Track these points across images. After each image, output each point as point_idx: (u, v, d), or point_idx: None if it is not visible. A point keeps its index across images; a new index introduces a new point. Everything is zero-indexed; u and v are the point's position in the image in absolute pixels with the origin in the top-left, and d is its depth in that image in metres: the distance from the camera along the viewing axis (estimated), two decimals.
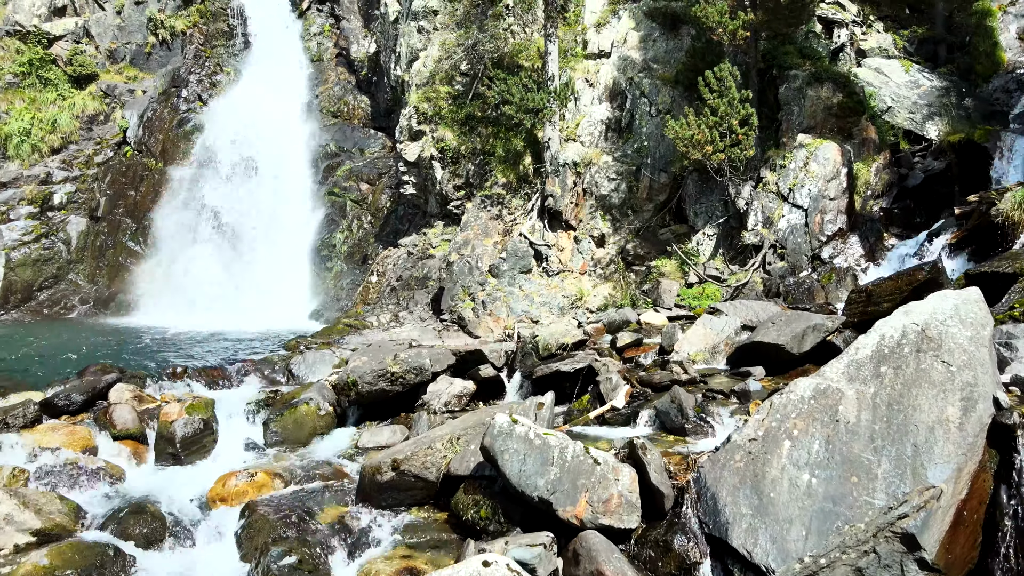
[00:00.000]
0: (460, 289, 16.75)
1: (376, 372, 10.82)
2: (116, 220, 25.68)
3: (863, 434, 6.45)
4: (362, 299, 19.89)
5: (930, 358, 6.72)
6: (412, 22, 22.54)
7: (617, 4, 19.70)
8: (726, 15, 13.21)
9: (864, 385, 6.77)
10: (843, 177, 14.10)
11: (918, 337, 6.89)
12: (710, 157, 13.18)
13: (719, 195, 15.49)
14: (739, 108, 13.16)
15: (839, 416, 6.62)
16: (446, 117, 19.53)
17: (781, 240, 14.07)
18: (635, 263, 16.65)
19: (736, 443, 6.81)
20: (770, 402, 6.99)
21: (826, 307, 12.08)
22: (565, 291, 16.70)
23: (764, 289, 13.59)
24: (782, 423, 6.77)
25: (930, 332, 6.88)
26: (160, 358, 14.31)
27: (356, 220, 22.79)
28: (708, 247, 15.53)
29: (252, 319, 20.93)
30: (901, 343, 6.92)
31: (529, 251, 17.01)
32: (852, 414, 6.60)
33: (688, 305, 14.32)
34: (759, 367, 10.05)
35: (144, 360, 14.41)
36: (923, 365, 6.69)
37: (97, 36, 28.29)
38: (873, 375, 6.81)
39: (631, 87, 17.96)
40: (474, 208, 18.07)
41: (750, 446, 6.74)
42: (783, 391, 6.97)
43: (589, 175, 17.44)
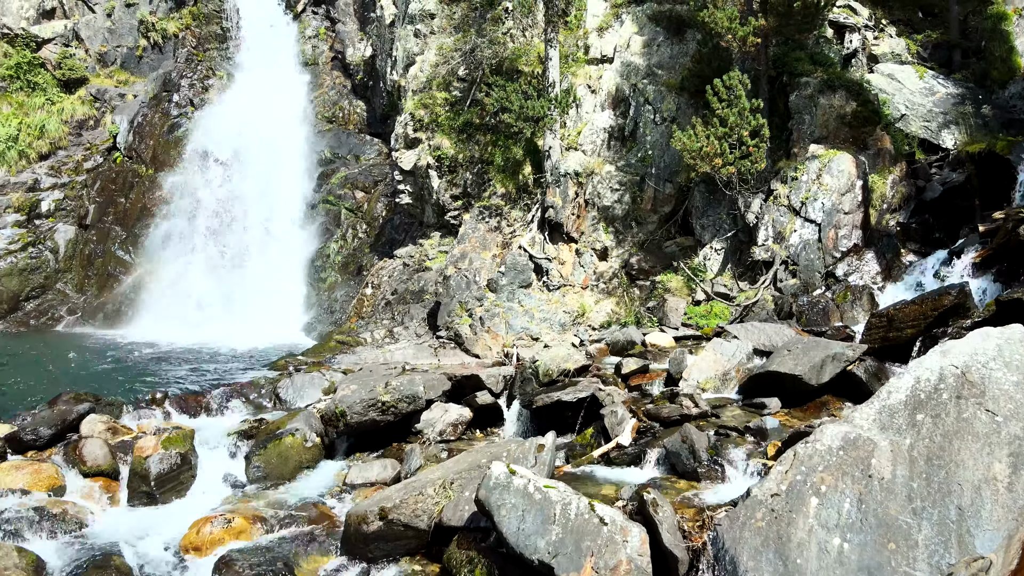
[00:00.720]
0: (457, 305, 16.10)
1: (366, 402, 10.17)
2: (105, 228, 25.05)
3: (900, 493, 5.80)
4: (356, 312, 19.25)
5: (972, 406, 6.08)
6: (409, 26, 21.90)
7: (620, 8, 19.06)
8: (735, 21, 12.57)
9: (899, 435, 6.12)
10: (858, 190, 13.46)
11: (958, 382, 6.26)
12: (719, 170, 12.54)
13: (727, 208, 14.85)
14: (749, 118, 12.52)
15: (872, 471, 5.97)
16: (443, 124, 18.88)
17: (793, 256, 13.42)
18: (639, 278, 16.00)
19: (757, 498, 6.16)
20: (793, 452, 6.34)
21: (843, 330, 11.43)
22: (566, 307, 16.06)
23: (776, 308, 12.94)
24: (808, 477, 6.12)
25: (971, 376, 6.25)
26: (141, 380, 13.68)
27: (351, 229, 22.15)
28: (716, 262, 14.88)
29: (243, 332, 20.29)
30: (939, 388, 6.28)
31: (529, 265, 16.37)
32: (887, 469, 5.96)
33: (696, 324, 13.67)
34: (774, 398, 9.39)
35: (124, 381, 13.78)
36: (965, 414, 6.05)
37: (87, 39, 27.66)
38: (909, 424, 6.17)
39: (635, 94, 17.32)
40: (472, 220, 17.42)
41: (772, 502, 6.09)
42: (808, 440, 6.32)
43: (591, 185, 16.79)
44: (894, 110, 16.47)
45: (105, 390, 12.39)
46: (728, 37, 12.76)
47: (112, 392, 12.41)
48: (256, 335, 19.91)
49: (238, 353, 17.41)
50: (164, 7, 28.39)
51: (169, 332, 20.87)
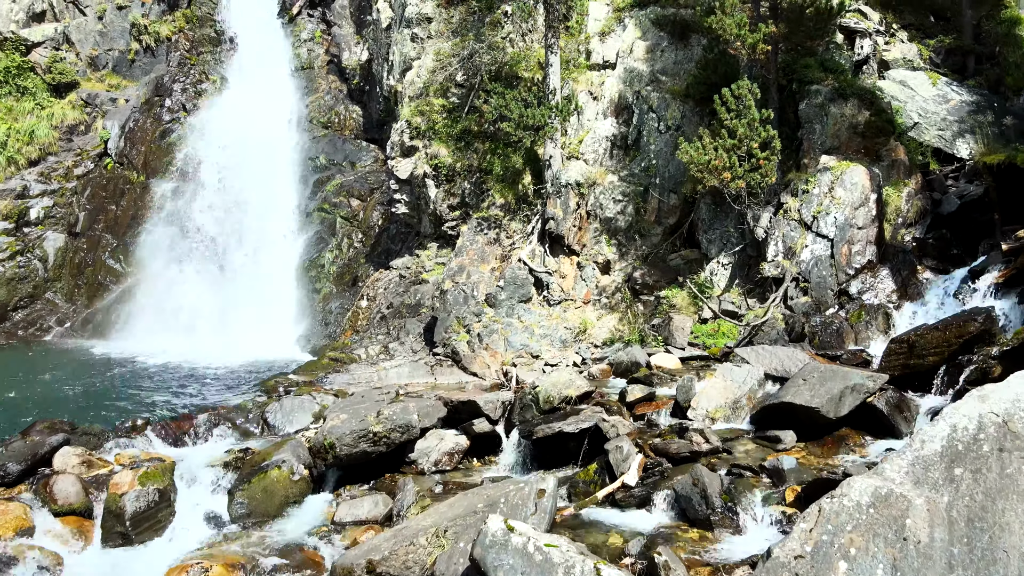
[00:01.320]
0: (454, 320, 15.54)
1: (357, 433, 9.61)
2: (96, 236, 24.47)
3: (939, 559, 5.26)
4: (351, 325, 18.70)
5: (1017, 460, 5.54)
6: (405, 29, 21.33)
7: (622, 12, 18.50)
8: (745, 28, 12.01)
9: (935, 492, 5.58)
10: (872, 204, 12.90)
11: (999, 431, 5.72)
12: (728, 184, 11.98)
13: (735, 221, 14.28)
14: (759, 130, 11.95)
15: (907, 532, 5.43)
16: (440, 132, 18.32)
17: (804, 273, 12.86)
18: (643, 292, 15.44)
19: (779, 560, 5.61)
20: (818, 507, 5.79)
21: (859, 355, 10.88)
22: (567, 322, 15.49)
23: (786, 327, 12.38)
24: (835, 537, 5.57)
25: (1014, 426, 5.71)
26: (126, 399, 13.13)
27: (346, 239, 21.59)
28: (723, 277, 14.32)
29: (236, 344, 19.74)
30: (978, 438, 5.74)
31: (529, 279, 15.81)
32: (923, 531, 5.41)
33: (703, 343, 13.12)
34: (789, 431, 8.85)
35: (107, 402, 13.23)
36: (1008, 469, 5.51)
37: (78, 42, 27.09)
38: (946, 479, 5.63)
39: (638, 101, 16.75)
40: (470, 231, 16.86)
41: (796, 566, 5.54)
42: (834, 495, 5.77)
43: (593, 196, 16.23)
44: (907, 118, 15.91)
45: (85, 414, 11.86)
46: (737, 44, 12.21)
47: (92, 416, 11.87)
48: (248, 348, 19.36)
49: (229, 369, 16.85)
50: (157, 10, 27.83)
51: (159, 344, 20.31)
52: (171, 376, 15.90)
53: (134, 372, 16.52)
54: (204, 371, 16.67)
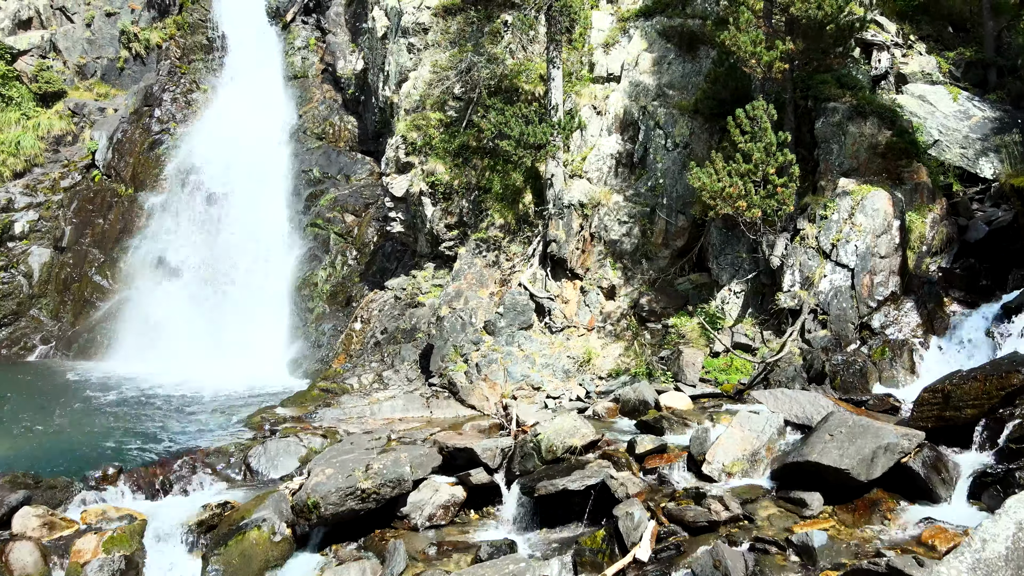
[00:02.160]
0: (451, 349, 14.77)
1: (343, 491, 8.84)
2: (82, 251, 23.71)
3: None
4: (344, 349, 17.93)
5: None
6: (401, 39, 20.57)
7: (627, 22, 17.73)
8: (761, 45, 11.24)
9: None
10: (895, 231, 12.14)
11: None
12: (743, 213, 11.21)
13: (747, 246, 13.52)
14: (777, 155, 11.18)
15: None
16: (437, 147, 17.55)
17: (823, 305, 12.09)
18: (650, 319, 14.67)
19: None
20: None
21: (886, 400, 10.12)
22: (570, 351, 14.73)
23: (804, 364, 11.60)
24: None
25: None
26: (100, 438, 12.34)
27: (340, 256, 20.82)
28: (735, 307, 13.55)
29: (224, 368, 18.98)
30: None
31: (529, 304, 15.04)
32: None
33: (714, 379, 12.35)
34: (815, 494, 8.08)
35: (80, 439, 12.44)
36: None
37: (65, 50, 26.32)
38: None
39: (644, 117, 15.98)
40: (468, 254, 16.09)
41: None
42: None
43: (597, 217, 15.46)
44: (927, 136, 15.15)
45: (55, 458, 11.09)
46: (752, 62, 11.43)
47: (62, 459, 11.10)
48: (238, 371, 18.61)
49: (216, 397, 16.09)
50: (147, 16, 27.06)
51: (145, 366, 19.58)
52: (154, 406, 15.13)
53: (116, 401, 15.75)
54: (189, 400, 15.90)
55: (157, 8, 27.21)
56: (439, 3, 18.89)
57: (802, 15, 11.13)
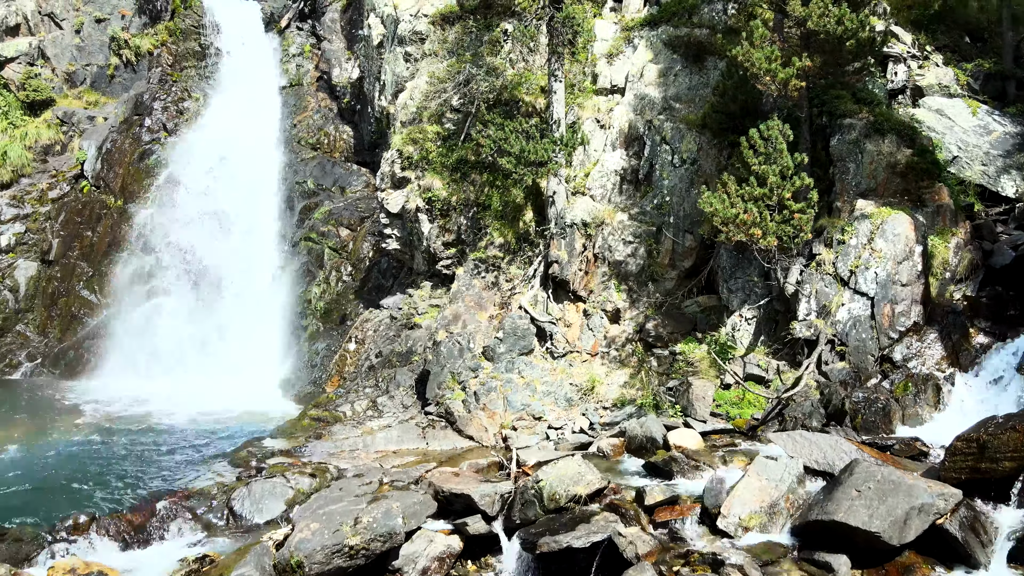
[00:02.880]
0: (448, 376, 14.11)
1: (329, 549, 8.19)
2: (70, 264, 23.04)
3: None
4: (338, 371, 17.27)
5: None
6: (398, 47, 19.93)
7: (631, 31, 17.08)
8: (776, 62, 10.58)
9: None
10: (917, 257, 11.48)
11: None
12: (757, 241, 10.56)
13: (759, 269, 12.87)
14: (794, 179, 10.52)
15: None
16: (434, 162, 16.89)
17: (841, 335, 11.44)
18: (656, 345, 14.02)
19: None
20: None
21: (913, 445, 9.48)
22: (573, 378, 14.08)
23: (822, 399, 10.95)
24: None
25: None
26: (77, 475, 11.66)
27: (334, 272, 20.16)
28: (746, 333, 12.90)
29: (215, 386, 18.36)
30: None
31: (530, 329, 14.38)
32: None
33: (726, 413, 11.70)
34: (842, 556, 7.45)
35: (55, 476, 11.78)
36: None
37: (54, 57, 25.66)
38: None
39: (650, 131, 15.33)
40: (466, 275, 15.43)
41: None
42: None
43: (601, 237, 14.81)
44: (945, 152, 14.52)
45: (25, 502, 10.41)
46: (766, 79, 10.78)
47: (33, 503, 10.43)
48: (228, 391, 17.97)
49: (204, 423, 15.43)
50: (138, 23, 26.39)
51: (133, 387, 18.95)
52: (138, 435, 14.47)
53: (98, 428, 15.09)
54: (175, 427, 15.25)
55: (148, 14, 26.55)
56: (437, 11, 18.26)
57: (820, 30, 10.48)
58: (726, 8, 17.19)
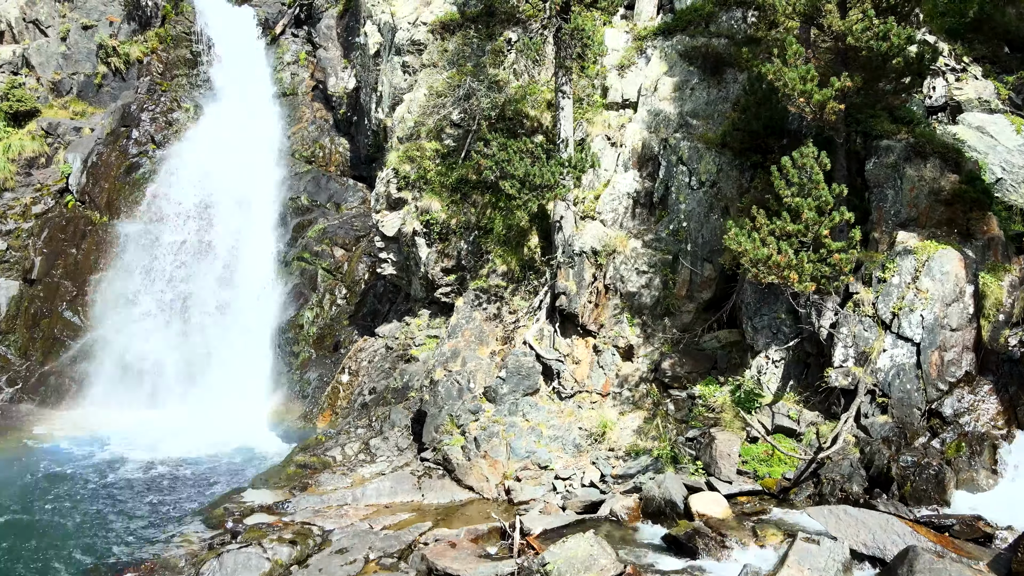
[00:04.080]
0: (446, 418, 12.98)
1: None
2: (54, 284, 21.96)
3: None
4: (330, 404, 16.17)
5: None
6: (395, 57, 18.82)
7: (644, 41, 15.92)
8: (813, 82, 9.41)
9: None
10: (968, 298, 10.30)
11: None
12: (792, 285, 9.38)
13: (787, 305, 11.69)
14: (834, 214, 9.34)
15: None
16: (433, 182, 15.77)
17: (882, 385, 10.26)
18: (673, 385, 12.86)
19: None
20: None
21: (975, 526, 8.29)
22: (582, 422, 12.92)
23: (863, 459, 9.77)
24: None
25: None
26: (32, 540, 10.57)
27: (328, 295, 19.06)
28: (773, 378, 11.72)
29: (200, 421, 17.29)
30: None
31: (535, 366, 13.24)
32: None
33: (753, 471, 10.53)
34: None
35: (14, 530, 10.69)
36: None
37: (38, 66, 24.60)
38: None
39: (665, 151, 14.16)
40: (466, 306, 14.29)
41: None
42: None
43: (612, 266, 13.65)
44: (989, 174, 13.30)
45: None
46: (800, 101, 9.60)
47: None
48: (213, 425, 16.89)
49: (181, 468, 14.34)
50: (126, 29, 25.32)
51: (114, 419, 17.96)
52: (109, 484, 13.38)
53: (67, 477, 13.99)
54: (154, 469, 14.18)
55: (138, 20, 25.49)
56: (436, 19, 17.09)
57: (862, 46, 9.32)
58: (745, 16, 16.04)
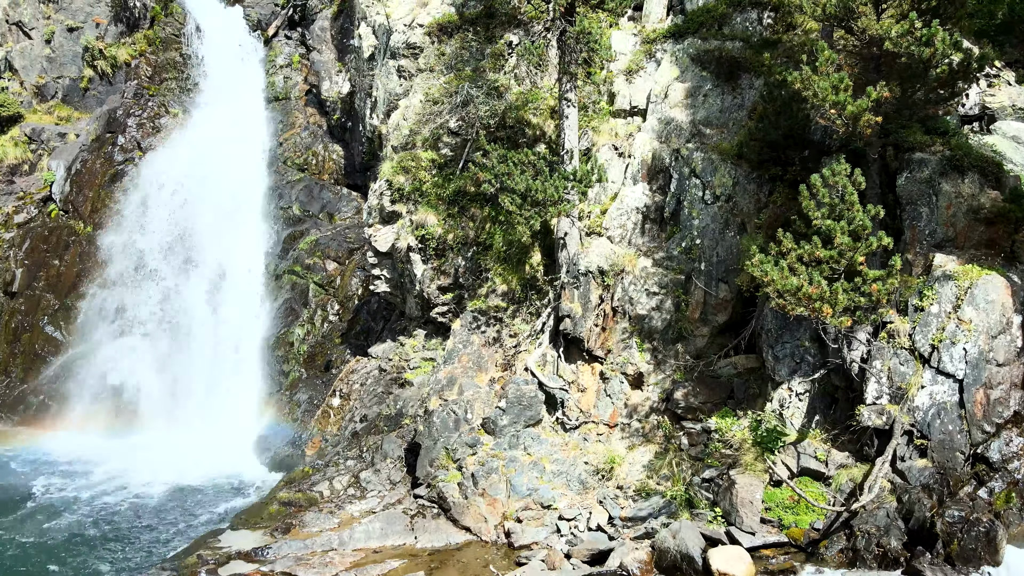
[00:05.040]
0: (442, 452, 12.04)
1: None
2: (35, 296, 21.07)
3: None
4: (320, 429, 15.25)
5: None
6: (391, 61, 17.89)
7: (653, 44, 14.97)
8: (847, 92, 8.45)
9: None
10: (1016, 330, 9.36)
11: None
12: (826, 319, 8.42)
13: (811, 332, 10.74)
14: (871, 240, 8.39)
15: None
16: (429, 194, 14.84)
17: (921, 425, 9.30)
18: (686, 417, 11.91)
19: None
20: None
21: None
22: (588, 455, 11.98)
23: (900, 509, 8.83)
24: None
25: None
26: None
27: (320, 310, 18.13)
28: (797, 412, 10.76)
29: (183, 445, 16.40)
30: None
31: (538, 396, 12.30)
32: None
33: (778, 519, 9.58)
34: None
35: None
36: None
37: (22, 70, 23.71)
38: None
39: (677, 162, 13.22)
40: (463, 329, 13.36)
41: None
42: None
43: (621, 287, 12.70)
44: None
45: None
46: (831, 113, 8.65)
47: None
48: (197, 450, 16.01)
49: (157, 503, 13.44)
50: (114, 31, 24.39)
51: (94, 444, 17.08)
52: (79, 523, 12.47)
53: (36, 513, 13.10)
54: (129, 503, 13.28)
55: (125, 22, 24.56)
56: (433, 20, 16.13)
57: (901, 51, 8.37)
58: (761, 18, 15.10)
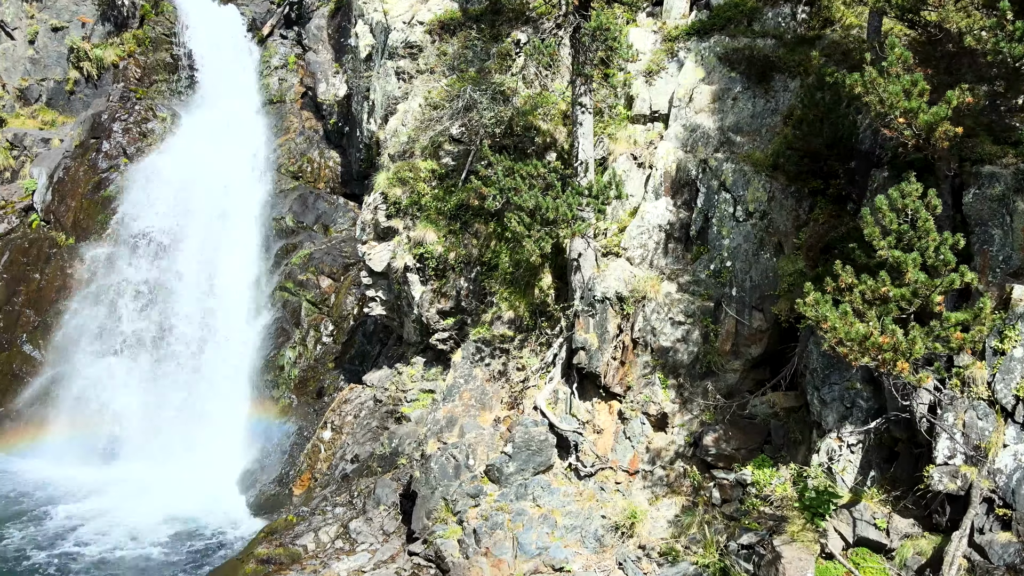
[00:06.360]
0: (441, 502, 10.67)
1: None
2: (14, 312, 19.85)
3: None
4: (309, 466, 13.92)
5: None
6: (389, 62, 16.55)
7: (675, 43, 13.55)
8: (922, 97, 7.03)
9: None
10: None
11: None
12: (899, 374, 6.98)
13: (864, 373, 9.30)
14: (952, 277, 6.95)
15: None
16: (428, 208, 13.48)
17: (1003, 491, 7.87)
18: (717, 464, 10.50)
19: None
20: None
21: None
22: (606, 508, 10.58)
23: None
24: None
25: None
26: None
27: (313, 331, 16.81)
28: (849, 466, 9.33)
29: (162, 480, 15.15)
30: None
31: (548, 438, 10.91)
32: None
33: None
34: None
35: None
36: None
37: (4, 72, 22.55)
38: None
39: (704, 175, 11.79)
40: (465, 361, 11.99)
41: None
42: None
43: (642, 316, 11.29)
44: None
45: None
46: (899, 122, 7.22)
47: None
48: (176, 487, 14.76)
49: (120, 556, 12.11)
50: (100, 31, 23.18)
51: (68, 476, 15.87)
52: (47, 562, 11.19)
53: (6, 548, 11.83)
54: (94, 552, 11.96)
55: (113, 21, 23.33)
56: (434, 18, 14.78)
57: (989, 50, 6.93)
58: (795, 12, 13.66)
